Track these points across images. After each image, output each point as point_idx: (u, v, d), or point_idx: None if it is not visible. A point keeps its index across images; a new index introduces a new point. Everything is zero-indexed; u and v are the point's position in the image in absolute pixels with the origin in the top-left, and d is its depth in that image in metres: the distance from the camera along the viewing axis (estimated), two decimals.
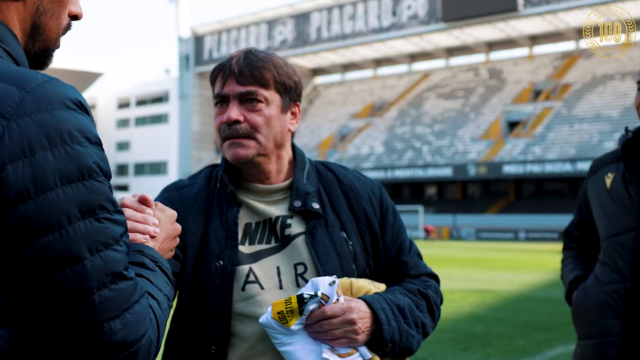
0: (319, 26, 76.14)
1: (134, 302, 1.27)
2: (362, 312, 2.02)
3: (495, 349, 9.73)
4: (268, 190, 2.25)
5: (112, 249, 1.25)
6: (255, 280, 2.13)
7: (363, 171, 62.87)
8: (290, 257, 2.17)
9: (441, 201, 68.31)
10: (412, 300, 2.21)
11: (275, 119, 2.20)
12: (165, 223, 1.67)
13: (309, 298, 1.95)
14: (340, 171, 2.40)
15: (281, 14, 78.99)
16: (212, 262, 2.13)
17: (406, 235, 2.40)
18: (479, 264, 27.06)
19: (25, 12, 1.44)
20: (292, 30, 78.18)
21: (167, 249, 1.67)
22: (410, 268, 2.33)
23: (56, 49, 1.54)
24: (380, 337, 2.05)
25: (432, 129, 69.73)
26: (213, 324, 2.10)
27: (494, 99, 70.51)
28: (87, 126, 1.27)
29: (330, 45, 76.38)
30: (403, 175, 63.97)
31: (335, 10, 74.91)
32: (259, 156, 2.20)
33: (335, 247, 2.18)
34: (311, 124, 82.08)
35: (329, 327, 1.98)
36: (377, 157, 68.58)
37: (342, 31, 74.49)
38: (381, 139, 71.66)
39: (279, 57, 2.24)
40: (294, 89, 2.25)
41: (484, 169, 58.53)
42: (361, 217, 2.28)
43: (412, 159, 65.66)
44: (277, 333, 2.00)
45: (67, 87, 1.30)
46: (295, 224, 2.21)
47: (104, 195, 1.26)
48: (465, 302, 14.79)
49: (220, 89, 2.20)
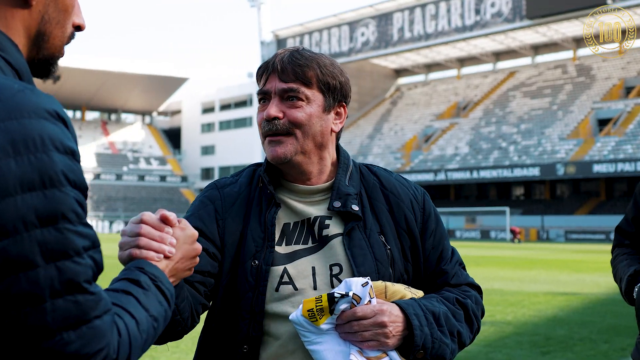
0: (401, 26, 75.88)
1: (94, 316, 1.26)
2: (394, 316, 1.99)
3: (576, 354, 9.35)
4: (308, 191, 2.24)
5: (71, 261, 1.24)
6: (289, 281, 2.12)
7: (448, 172, 63.80)
8: (327, 257, 2.16)
9: (528, 202, 67.41)
10: (449, 308, 2.16)
11: (316, 118, 2.17)
12: (184, 243, 1.68)
13: (339, 297, 1.92)
14: (384, 175, 2.37)
15: (362, 15, 79.07)
16: (248, 262, 2.13)
17: (448, 243, 2.36)
18: (566, 266, 26.35)
19: (30, 20, 1.47)
20: (374, 32, 78.11)
21: (183, 268, 1.69)
22: (451, 277, 2.28)
23: (60, 58, 1.56)
24: (412, 343, 2.01)
25: (519, 128, 68.90)
26: (246, 323, 2.10)
27: (583, 96, 69.11)
28: (57, 135, 1.27)
29: (412, 45, 76.12)
30: (489, 176, 63.34)
31: (417, 9, 74.53)
32: (298, 155, 2.18)
33: (372, 250, 2.16)
34: (395, 125, 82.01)
35: (358, 329, 1.95)
36: (462, 157, 68.08)
37: (424, 31, 74.07)
38: (466, 140, 71.19)
39: (326, 57, 2.24)
40: (339, 89, 2.24)
41: (573, 169, 57.38)
42: (401, 222, 2.25)
43: (498, 159, 64.99)
44: (306, 331, 1.98)
45: (43, 96, 1.30)
46: (333, 225, 2.20)
47: (66, 205, 1.25)
48: (549, 304, 14.44)
49: (263, 85, 2.20)
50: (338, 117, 2.27)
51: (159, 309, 1.48)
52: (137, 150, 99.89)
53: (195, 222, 2.15)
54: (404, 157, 73.21)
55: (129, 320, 1.36)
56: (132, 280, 1.47)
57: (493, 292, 16.67)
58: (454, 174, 65.31)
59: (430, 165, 68.88)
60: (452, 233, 62.72)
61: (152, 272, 1.52)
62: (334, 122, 2.25)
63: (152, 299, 1.46)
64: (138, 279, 1.47)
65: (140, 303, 1.43)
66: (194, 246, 1.71)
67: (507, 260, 29.96)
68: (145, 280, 1.48)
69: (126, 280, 1.46)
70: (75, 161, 1.30)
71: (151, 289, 1.48)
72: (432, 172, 66.87)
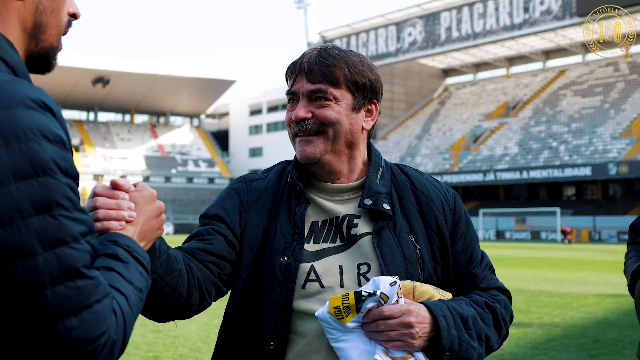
0: (449, 26, 75.43)
1: (94, 301, 1.28)
2: (422, 317, 1.97)
3: (625, 357, 9.08)
4: (338, 189, 2.24)
5: (68, 247, 1.26)
6: (316, 279, 2.12)
7: (498, 173, 63.28)
8: (355, 256, 2.15)
9: (580, 202, 66.45)
10: (478, 311, 2.15)
11: (345, 117, 2.17)
12: (144, 205, 1.66)
13: (367, 296, 1.91)
14: (415, 175, 2.36)
15: (410, 15, 78.77)
16: (276, 258, 2.12)
17: (478, 246, 2.35)
18: (618, 267, 25.69)
19: (25, 12, 1.47)
20: (421, 31, 77.76)
21: (151, 229, 1.67)
22: (480, 280, 2.27)
23: (59, 50, 1.57)
24: (439, 345, 1.99)
25: (569, 128, 68.09)
26: (273, 319, 2.09)
27: (636, 94, 68.01)
28: (45, 124, 1.29)
29: (460, 45, 75.72)
30: (539, 176, 62.71)
31: (465, 8, 74.02)
32: (328, 154, 2.19)
33: (401, 249, 2.14)
34: (443, 125, 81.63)
35: (385, 328, 1.94)
36: (512, 157, 67.49)
37: (472, 30, 73.52)
38: (516, 139, 70.60)
39: (356, 54, 2.22)
40: (369, 87, 2.21)
41: (626, 168, 56.48)
42: (431, 223, 2.24)
43: (548, 159, 64.30)
44: (331, 328, 1.97)
45: (30, 87, 1.32)
46: (362, 224, 2.19)
47: (59, 192, 1.27)
48: (599, 307, 14.11)
49: (291, 86, 2.21)
50: (369, 115, 2.25)
51: (141, 280, 1.48)
52: (186, 153, 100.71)
53: (217, 210, 2.20)
54: (453, 158, 72.81)
55: (120, 297, 1.37)
56: (110, 255, 1.45)
57: (541, 294, 16.38)
58: (504, 174, 64.84)
59: (479, 166, 68.48)
60: (502, 234, 62.19)
61: (125, 243, 1.50)
62: (364, 120, 2.23)
63: (132, 270, 1.46)
64: (115, 253, 1.46)
65: (124, 277, 1.42)
66: (156, 204, 1.68)
67: (557, 261, 29.45)
68: (122, 253, 1.47)
69: (104, 256, 1.43)
70: (65, 149, 1.32)
71: (129, 260, 1.47)
72: (481, 173, 66.51)
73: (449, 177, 69.04)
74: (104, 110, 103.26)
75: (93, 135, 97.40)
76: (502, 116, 77.29)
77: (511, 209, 65.82)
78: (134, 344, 9.63)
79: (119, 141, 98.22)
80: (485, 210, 64.52)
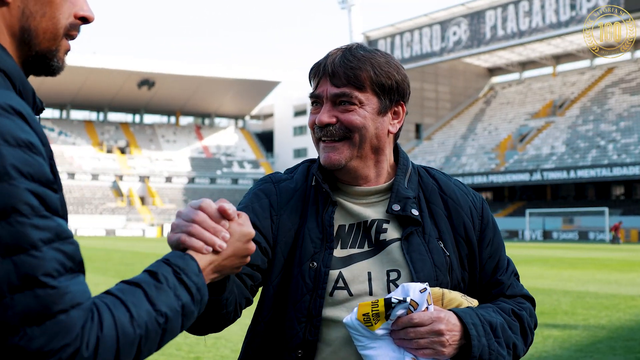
0: (494, 24, 74.83)
1: (58, 311, 1.23)
2: (452, 325, 1.95)
3: None
4: (365, 192, 2.18)
5: (26, 254, 1.22)
6: (344, 286, 2.08)
7: (544, 172, 62.68)
8: (384, 263, 2.11)
9: (629, 202, 65.57)
10: (505, 319, 2.13)
11: (371, 121, 2.11)
12: (237, 240, 1.61)
13: (397, 303, 1.89)
14: (443, 179, 2.31)
15: (454, 14, 78.36)
16: (305, 263, 2.08)
17: (505, 253, 2.32)
18: None
19: (11, 17, 1.46)
20: (466, 30, 77.27)
21: (230, 266, 1.62)
22: (506, 287, 2.24)
23: (64, 51, 1.55)
24: (469, 353, 1.98)
25: (618, 126, 67.21)
26: (302, 326, 2.05)
27: None
28: (7, 129, 1.26)
29: (506, 43, 75.10)
30: (587, 175, 62.06)
31: (510, 7, 73.34)
32: (354, 160, 2.13)
33: (431, 256, 2.11)
34: (489, 125, 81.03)
35: (414, 335, 1.91)
36: (559, 157, 66.76)
37: (518, 28, 72.84)
38: (563, 138, 69.89)
39: (381, 54, 2.14)
40: (395, 89, 2.14)
41: None
42: (460, 229, 2.21)
43: (596, 158, 63.49)
44: (360, 335, 1.95)
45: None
46: (391, 229, 2.15)
47: (17, 198, 1.23)
48: None
49: (315, 89, 2.15)
50: (395, 117, 2.19)
51: (173, 304, 1.41)
52: (231, 154, 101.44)
53: (247, 214, 2.03)
54: (499, 157, 72.25)
55: (122, 313, 1.32)
56: (150, 272, 1.42)
57: (587, 295, 16.07)
58: (551, 174, 64.26)
59: (525, 165, 67.89)
60: (549, 234, 61.56)
61: (177, 263, 1.46)
62: (391, 123, 2.18)
63: (164, 292, 1.40)
64: (156, 271, 1.42)
65: (146, 296, 1.37)
66: (248, 245, 1.62)
67: (605, 262, 28.94)
68: (164, 273, 1.42)
69: (146, 272, 1.42)
70: (33, 153, 1.28)
71: (169, 281, 1.42)
72: (527, 172, 65.98)
73: (495, 177, 68.51)
74: (149, 112, 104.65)
75: (139, 137, 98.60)
76: (548, 115, 76.54)
77: (558, 209, 65.14)
78: (176, 345, 9.62)
79: (164, 143, 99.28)
80: (531, 211, 63.94)
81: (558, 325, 11.44)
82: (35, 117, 1.38)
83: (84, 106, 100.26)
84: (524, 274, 21.57)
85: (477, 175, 70.87)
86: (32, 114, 1.35)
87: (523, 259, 29.67)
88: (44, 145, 1.33)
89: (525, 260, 29.34)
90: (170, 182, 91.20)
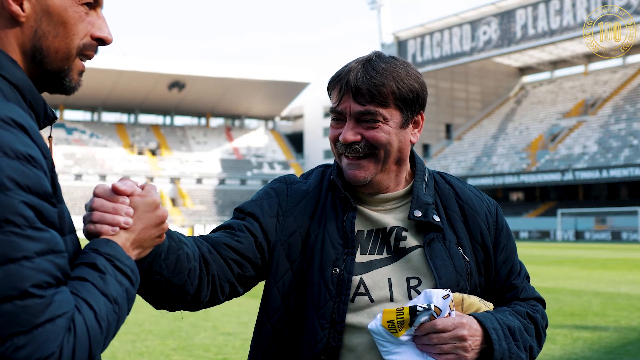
0: (525, 23, 74.22)
1: (45, 320, 1.26)
2: (474, 330, 1.99)
3: None
4: (383, 199, 2.21)
5: (18, 264, 1.25)
6: (365, 292, 2.10)
7: (576, 172, 62.12)
8: (404, 270, 2.13)
9: None
10: (522, 322, 2.18)
11: (395, 135, 2.12)
12: (144, 212, 1.61)
13: (422, 310, 1.93)
14: (459, 185, 2.34)
15: (484, 14, 77.78)
16: (328, 270, 2.09)
17: (517, 257, 2.37)
18: None
19: (23, 37, 1.51)
20: (496, 30, 76.70)
21: (148, 237, 1.63)
22: (520, 291, 2.30)
23: (77, 72, 1.60)
24: (491, 357, 2.02)
25: None
26: (325, 332, 2.07)
27: None
28: (6, 141, 1.29)
29: (537, 42, 74.42)
30: (619, 175, 61.42)
31: (541, 5, 72.70)
32: (378, 175, 2.15)
33: (452, 262, 2.14)
34: (519, 124, 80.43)
35: (438, 341, 1.94)
36: (591, 156, 66.06)
37: (549, 27, 72.20)
38: (595, 138, 69.14)
39: (401, 64, 2.14)
40: (416, 100, 2.15)
41: None
42: (476, 235, 2.24)
43: (629, 158, 62.79)
44: (385, 341, 1.98)
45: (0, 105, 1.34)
46: (410, 236, 2.17)
47: (11, 209, 1.26)
48: None
49: (337, 104, 2.14)
50: (416, 127, 2.21)
51: (118, 290, 1.45)
52: (261, 155, 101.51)
53: (253, 208, 2.16)
54: (530, 157, 71.68)
55: (87, 312, 1.35)
56: (87, 264, 1.44)
57: (619, 296, 15.86)
58: (583, 174, 63.63)
59: (557, 165, 67.25)
60: (581, 235, 60.96)
61: (106, 251, 1.48)
62: (412, 133, 2.20)
63: (110, 281, 1.44)
64: (94, 262, 1.44)
65: (97, 288, 1.40)
66: (157, 213, 1.63)
67: (638, 262, 28.59)
68: (102, 262, 1.45)
69: (83, 265, 1.43)
70: (32, 166, 1.31)
71: (108, 270, 1.45)
72: (559, 172, 65.36)
73: (526, 176, 67.97)
74: (180, 114, 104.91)
75: (169, 139, 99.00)
76: (580, 114, 75.74)
77: (590, 209, 64.41)
78: (203, 347, 9.60)
79: (195, 145, 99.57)
80: (563, 211, 63.28)
81: (588, 326, 11.31)
82: (38, 130, 1.40)
83: (115, 108, 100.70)
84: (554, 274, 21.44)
85: (508, 175, 70.36)
86: (35, 127, 1.38)
87: (554, 260, 29.43)
88: (45, 159, 1.36)
89: (556, 260, 29.09)
90: (201, 184, 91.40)
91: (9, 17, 1.49)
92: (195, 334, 10.42)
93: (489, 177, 72.02)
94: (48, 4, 1.51)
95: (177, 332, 10.65)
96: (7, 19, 1.49)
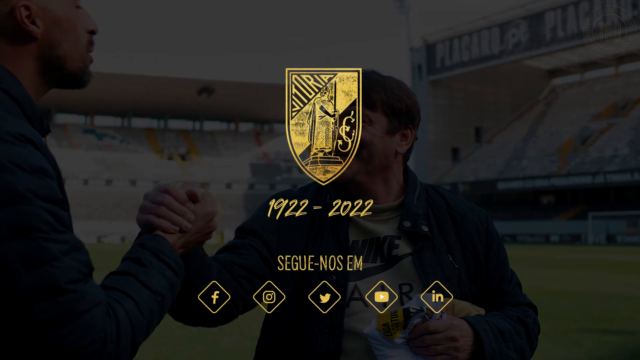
0: (554, 25, 73.74)
1: (83, 311, 1.39)
2: (465, 331, 2.07)
3: None
4: (377, 209, 2.29)
5: (49, 265, 1.37)
6: (359, 297, 2.19)
7: (608, 175, 61.66)
8: (396, 276, 2.22)
9: None
10: (512, 325, 2.25)
11: (379, 139, 2.23)
12: (201, 219, 1.75)
13: (415, 312, 2.01)
14: (450, 196, 2.45)
15: (513, 16, 77.42)
16: (326, 277, 2.17)
17: (508, 265, 2.45)
18: None
19: (40, 50, 1.62)
20: (526, 32, 76.29)
21: (194, 241, 1.77)
22: (511, 297, 2.38)
23: (88, 65, 1.72)
24: (482, 358, 2.09)
25: None
26: (325, 337, 2.15)
27: None
28: (22, 156, 1.41)
29: (566, 44, 73.82)
30: None
31: (570, 7, 72.23)
32: (362, 175, 2.25)
33: (441, 269, 2.23)
34: (550, 127, 79.89)
35: (430, 342, 2.01)
36: (622, 159, 65.46)
37: (578, 29, 71.47)
38: (626, 140, 68.48)
39: (395, 80, 2.30)
40: (405, 112, 2.27)
41: None
42: (467, 244, 2.33)
43: None
44: (380, 345, 2.04)
45: (10, 122, 1.45)
46: (402, 245, 2.26)
47: (35, 218, 1.38)
48: None
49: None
50: (404, 139, 2.31)
51: (163, 282, 1.58)
52: (290, 160, 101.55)
53: (254, 225, 2.26)
54: (560, 160, 71.15)
55: (129, 303, 1.48)
56: (133, 259, 1.57)
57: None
58: (614, 176, 63.10)
59: (588, 168, 66.68)
60: (613, 238, 60.38)
61: (153, 246, 1.61)
62: (399, 143, 2.29)
63: (153, 274, 1.57)
64: (139, 257, 1.58)
65: (140, 281, 1.53)
66: (211, 224, 1.77)
67: None
68: (146, 257, 1.58)
69: (128, 260, 1.57)
70: (46, 177, 1.43)
71: (153, 263, 1.58)
72: (590, 175, 64.84)
73: (557, 179, 67.51)
74: (209, 119, 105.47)
75: (199, 144, 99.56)
76: (611, 116, 75.03)
77: (622, 212, 63.66)
78: (229, 351, 9.68)
79: (224, 150, 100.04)
80: (594, 214, 62.73)
81: (615, 331, 11.21)
82: (44, 143, 1.49)
83: (145, 114, 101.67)
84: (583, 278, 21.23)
85: (538, 178, 69.93)
86: (42, 140, 1.48)
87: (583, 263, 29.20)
88: (53, 169, 1.47)
89: (586, 264, 28.85)
90: (230, 189, 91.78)
91: (24, 37, 1.59)
92: (222, 338, 10.49)
93: (519, 181, 71.62)
94: (55, 15, 1.63)
95: (204, 336, 10.73)
96: (22, 38, 1.59)
